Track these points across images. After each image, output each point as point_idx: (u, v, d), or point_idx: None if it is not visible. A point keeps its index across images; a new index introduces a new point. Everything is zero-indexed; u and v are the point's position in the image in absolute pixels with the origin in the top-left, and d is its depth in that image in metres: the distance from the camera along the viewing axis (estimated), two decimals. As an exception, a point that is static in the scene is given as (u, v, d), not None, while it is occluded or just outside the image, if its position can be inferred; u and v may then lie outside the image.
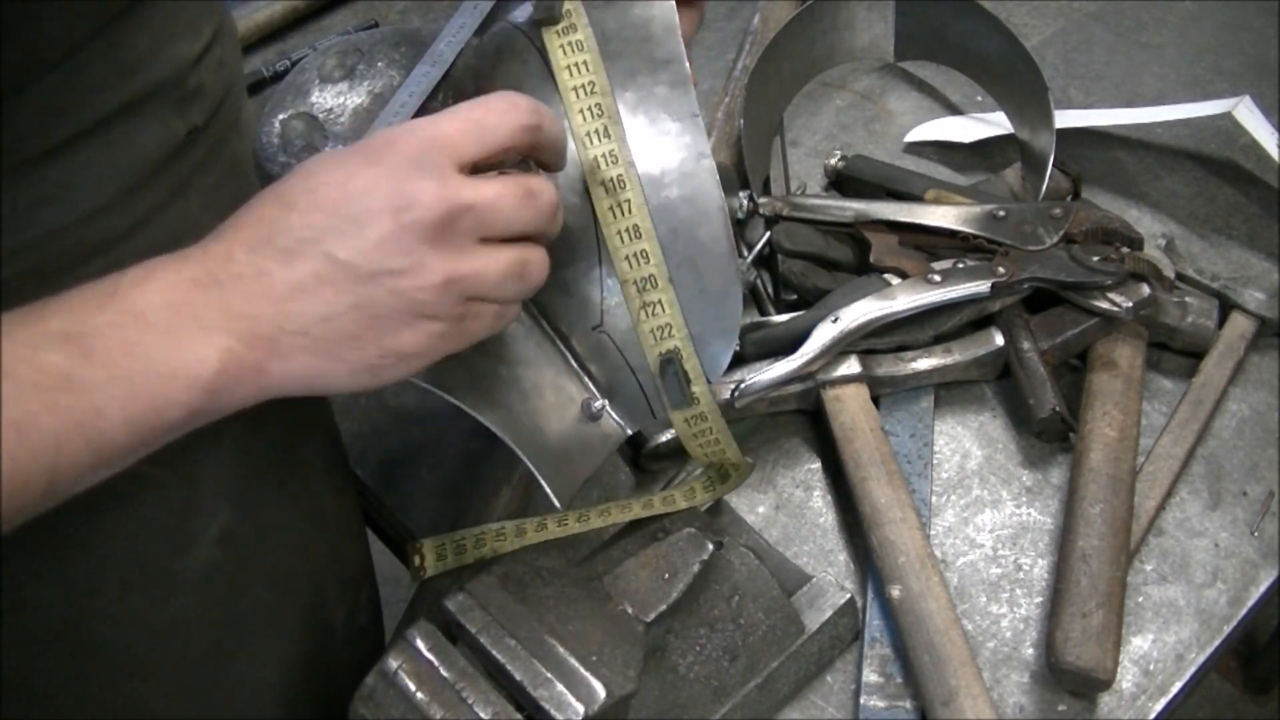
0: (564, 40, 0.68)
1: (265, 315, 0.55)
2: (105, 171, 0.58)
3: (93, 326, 0.51)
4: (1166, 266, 0.94)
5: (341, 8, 1.27)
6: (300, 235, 0.55)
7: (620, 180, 0.65)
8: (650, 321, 0.68)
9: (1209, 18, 1.19)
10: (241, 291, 0.54)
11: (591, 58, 0.67)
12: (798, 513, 0.86)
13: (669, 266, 0.67)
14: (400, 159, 0.56)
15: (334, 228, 0.55)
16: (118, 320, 0.52)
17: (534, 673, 0.65)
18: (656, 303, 0.67)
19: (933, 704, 0.73)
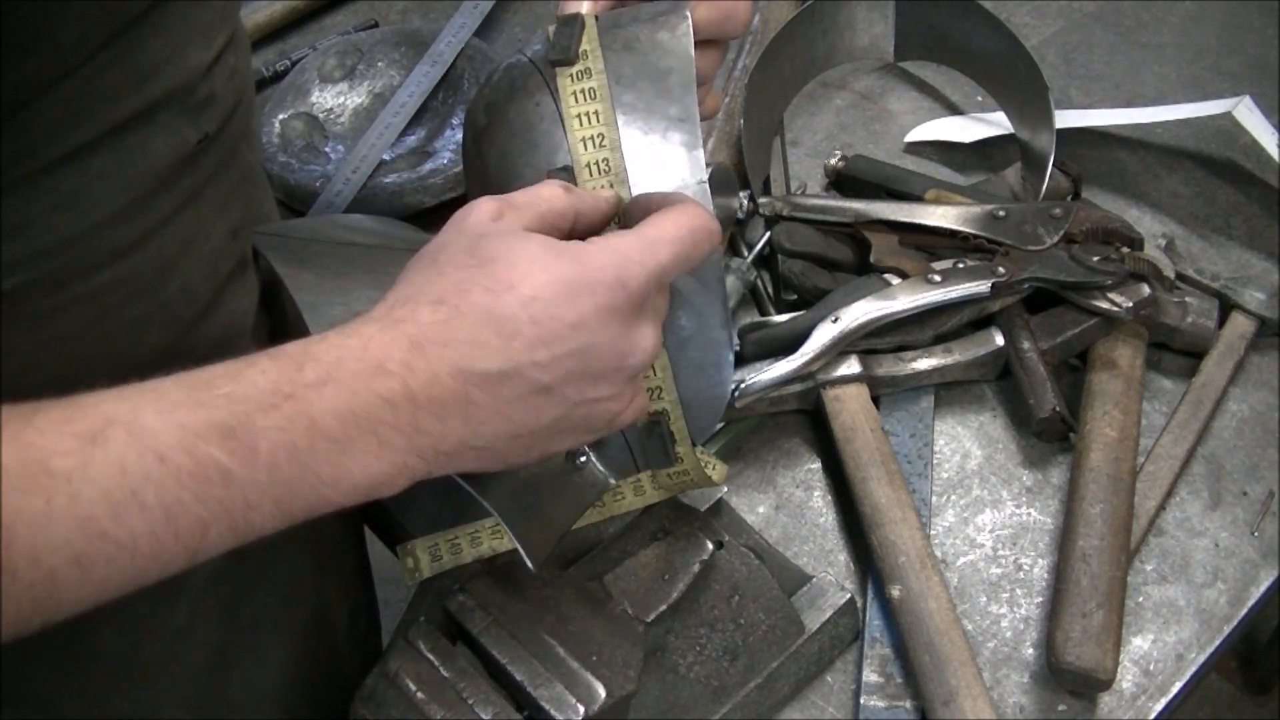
0: (577, 86, 0.66)
1: (455, 435, 0.54)
2: (117, 179, 0.58)
3: (260, 427, 0.49)
4: (1166, 266, 0.94)
5: (341, 8, 1.27)
6: (519, 367, 0.54)
7: None
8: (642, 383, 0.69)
9: (1209, 18, 1.19)
10: (438, 413, 0.53)
11: (603, 108, 0.66)
12: (798, 513, 0.86)
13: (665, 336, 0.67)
14: (629, 305, 0.56)
15: (558, 363, 0.55)
16: (288, 425, 0.50)
17: (534, 673, 0.65)
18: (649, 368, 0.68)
19: (933, 704, 0.73)
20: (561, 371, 0.55)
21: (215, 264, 0.66)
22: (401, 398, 0.52)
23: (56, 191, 0.56)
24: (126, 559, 0.47)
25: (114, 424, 0.47)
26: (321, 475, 0.51)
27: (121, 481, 0.46)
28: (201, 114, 0.62)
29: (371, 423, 0.51)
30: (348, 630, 0.84)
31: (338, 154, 1.06)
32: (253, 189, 0.72)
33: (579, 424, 0.58)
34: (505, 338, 0.54)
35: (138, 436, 0.47)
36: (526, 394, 0.55)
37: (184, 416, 0.48)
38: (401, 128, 1.07)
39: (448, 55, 1.12)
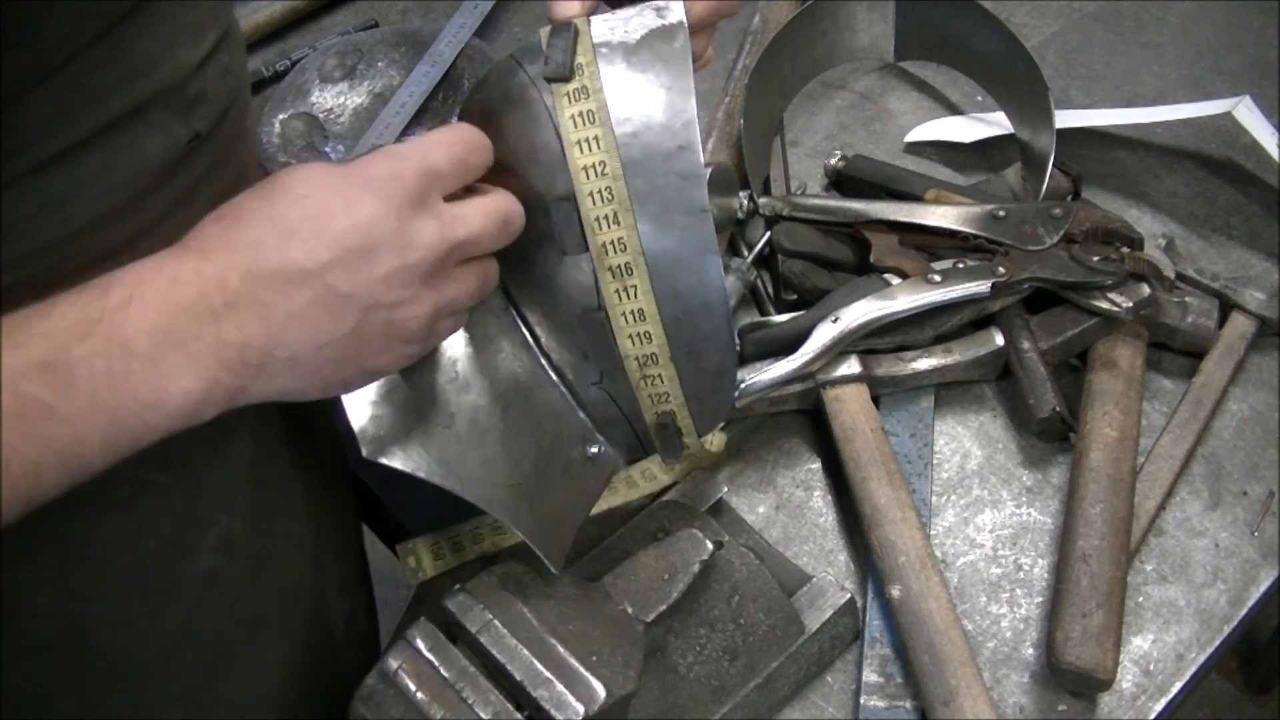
0: (575, 109, 0.65)
1: (257, 344, 0.55)
2: (108, 179, 0.58)
3: (76, 356, 0.50)
4: (1166, 266, 0.94)
5: (341, 8, 1.27)
6: (303, 266, 0.55)
7: (628, 267, 0.66)
8: (649, 389, 0.70)
9: (1209, 18, 1.19)
10: (235, 321, 0.54)
11: (603, 133, 0.65)
12: (798, 513, 0.86)
13: (670, 349, 0.68)
14: (403, 194, 0.57)
15: (338, 260, 0.55)
16: (102, 350, 0.51)
17: (534, 673, 0.65)
18: (656, 376, 0.69)
19: (933, 704, 0.73)
20: (344, 269, 0.55)
21: None
22: (199, 305, 0.53)
23: (46, 192, 0.55)
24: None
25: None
26: (140, 398, 0.52)
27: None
28: (193, 112, 0.62)
29: (178, 335, 0.52)
30: (345, 630, 0.84)
31: (338, 154, 1.06)
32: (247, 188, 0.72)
33: (387, 334, 0.58)
34: (283, 235, 0.55)
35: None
36: (318, 296, 0.55)
37: (7, 358, 0.49)
38: (401, 128, 1.07)
39: (448, 55, 1.12)
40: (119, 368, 0.51)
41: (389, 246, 0.56)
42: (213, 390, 0.54)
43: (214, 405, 0.54)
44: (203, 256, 0.54)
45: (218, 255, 0.54)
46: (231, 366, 0.54)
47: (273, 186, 0.57)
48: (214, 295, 0.53)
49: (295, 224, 0.55)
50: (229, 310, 0.54)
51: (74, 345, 0.50)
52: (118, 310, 0.51)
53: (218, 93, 0.64)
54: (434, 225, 0.58)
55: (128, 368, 0.51)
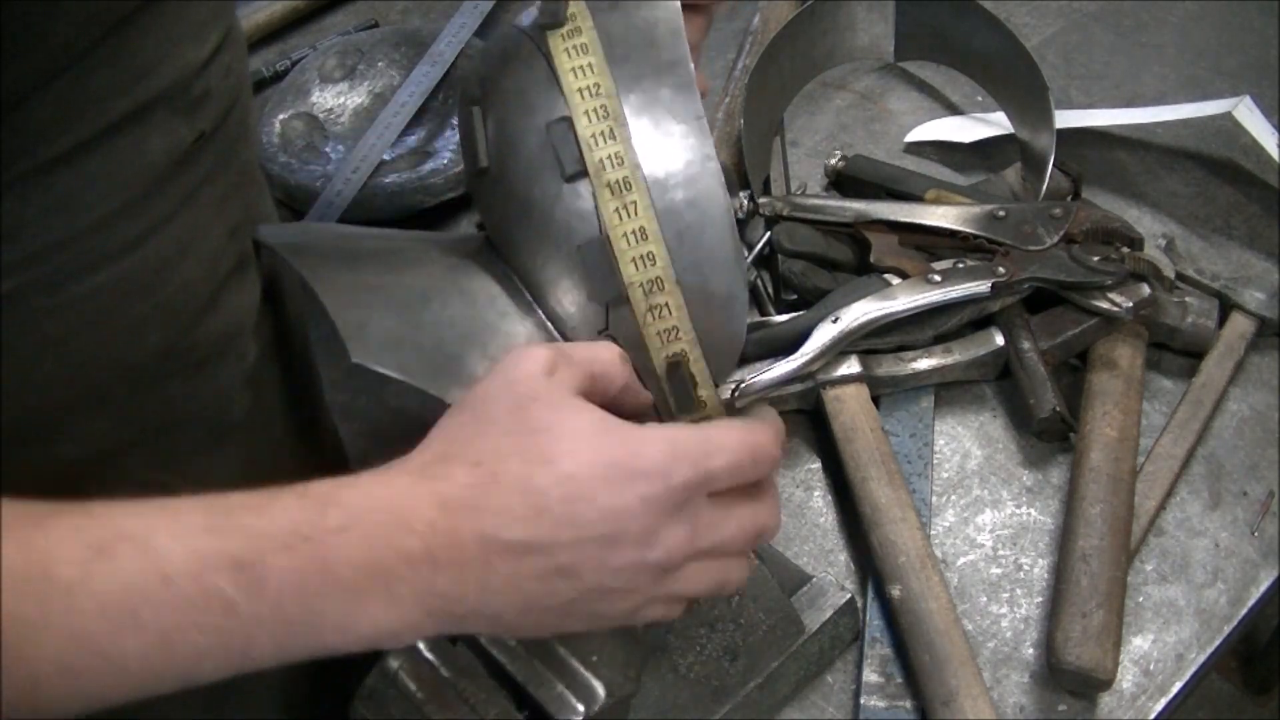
0: (569, 44, 0.67)
1: (470, 600, 0.53)
2: (112, 180, 0.57)
3: (272, 565, 0.48)
4: (1166, 266, 0.94)
5: (341, 8, 1.28)
6: (542, 543, 0.53)
7: (626, 182, 0.65)
8: (657, 324, 0.68)
9: (1209, 18, 1.19)
10: (456, 577, 0.52)
11: (596, 60, 0.67)
12: (798, 513, 0.86)
13: (675, 270, 0.66)
14: (667, 501, 0.54)
15: (580, 546, 0.53)
16: (302, 566, 0.49)
17: (534, 673, 0.65)
18: (663, 305, 0.67)
19: (933, 704, 0.73)
20: (583, 555, 0.53)
21: (214, 263, 0.66)
22: (421, 557, 0.51)
23: (51, 193, 0.55)
24: (116, 676, 0.47)
25: (125, 539, 0.46)
26: (327, 621, 0.50)
27: (122, 599, 0.46)
28: (196, 112, 0.61)
29: (387, 577, 0.50)
30: None
31: (338, 154, 1.06)
32: (251, 188, 0.72)
33: (590, 611, 0.56)
34: (535, 511, 0.52)
35: (146, 555, 0.46)
36: (546, 572, 0.53)
37: (198, 542, 0.47)
38: (401, 128, 1.07)
39: (448, 55, 1.13)
40: (314, 587, 0.49)
41: (633, 541, 0.54)
42: (406, 630, 0.52)
43: (402, 641, 0.53)
44: (445, 510, 0.52)
45: (459, 515, 0.52)
46: (434, 614, 0.52)
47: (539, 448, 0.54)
48: (440, 553, 0.51)
49: (551, 504, 0.53)
50: (455, 567, 0.52)
51: (274, 554, 0.48)
52: (331, 534, 0.50)
53: (221, 92, 0.64)
54: (685, 531, 0.55)
55: (323, 590, 0.49)
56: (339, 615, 0.50)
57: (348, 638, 0.51)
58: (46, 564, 0.45)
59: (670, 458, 0.54)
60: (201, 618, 0.47)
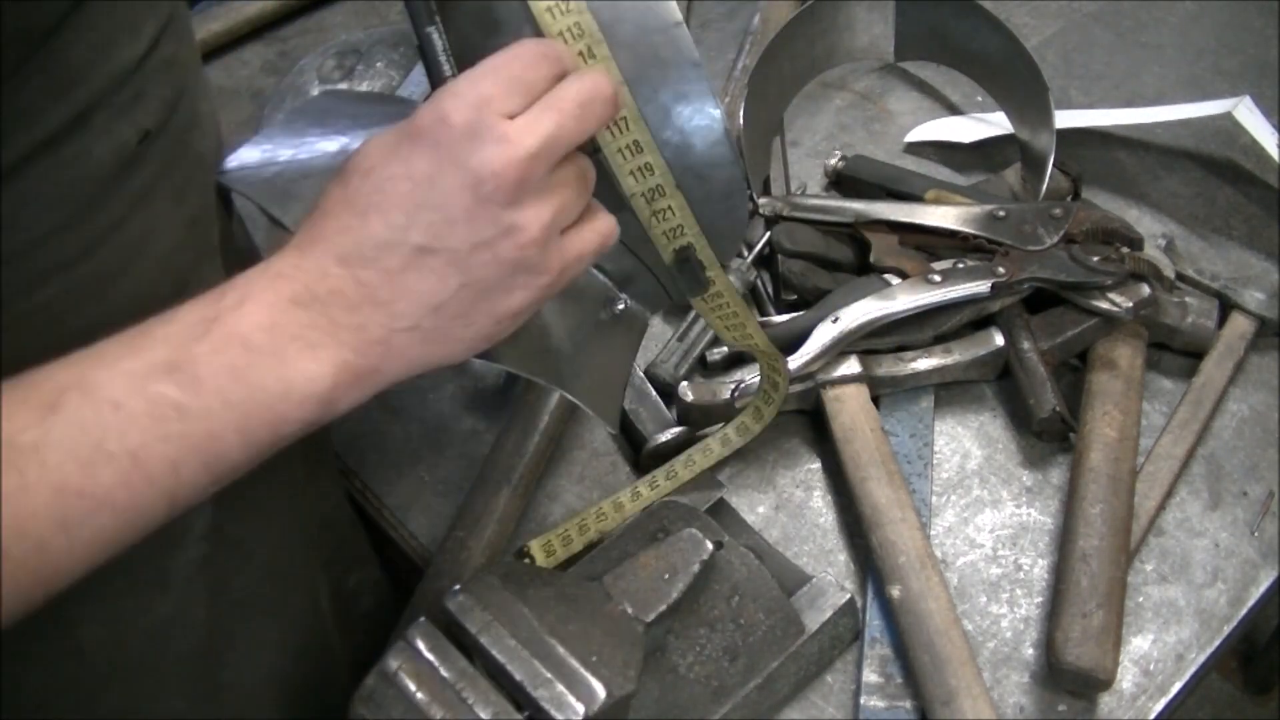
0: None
1: (373, 321, 0.55)
2: (58, 190, 0.56)
3: (197, 354, 0.51)
4: (1166, 266, 0.94)
5: (341, 7, 1.27)
6: (385, 237, 0.55)
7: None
8: (662, 225, 0.68)
9: (1209, 18, 1.19)
10: (343, 303, 0.55)
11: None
12: (798, 513, 0.86)
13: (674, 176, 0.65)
14: (455, 135, 0.55)
15: (416, 220, 0.55)
16: (221, 347, 0.52)
17: (534, 673, 0.65)
18: (666, 209, 0.67)
19: (933, 704, 0.73)
20: (424, 225, 0.55)
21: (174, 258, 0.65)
22: (307, 297, 0.54)
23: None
24: (107, 514, 0.49)
25: (66, 389, 0.49)
26: (267, 389, 0.53)
27: (84, 439, 0.48)
28: (138, 110, 0.60)
29: (293, 327, 0.53)
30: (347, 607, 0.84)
31: (338, 154, 1.06)
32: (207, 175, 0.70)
33: (501, 271, 0.57)
34: (360, 215, 0.55)
35: (90, 393, 0.49)
36: (410, 260, 0.55)
37: (128, 364, 0.50)
38: (401, 128, 1.07)
39: (447, 55, 1.12)
40: (240, 361, 0.52)
41: (457, 188, 0.55)
42: (341, 373, 0.55)
43: (348, 388, 0.55)
44: (300, 252, 0.56)
45: (312, 248, 0.56)
46: (354, 348, 0.55)
47: (346, 170, 0.57)
48: (317, 286, 0.54)
49: (368, 200, 0.56)
50: (334, 297, 0.55)
51: (194, 345, 0.51)
52: (231, 310, 0.53)
53: (163, 86, 0.62)
54: (495, 150, 0.55)
55: (249, 361, 0.52)
56: (275, 381, 0.53)
57: (296, 400, 0.54)
58: (9, 437, 0.47)
59: (439, 105, 0.56)
60: (159, 427, 0.50)
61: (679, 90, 0.64)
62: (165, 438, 0.50)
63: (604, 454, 0.90)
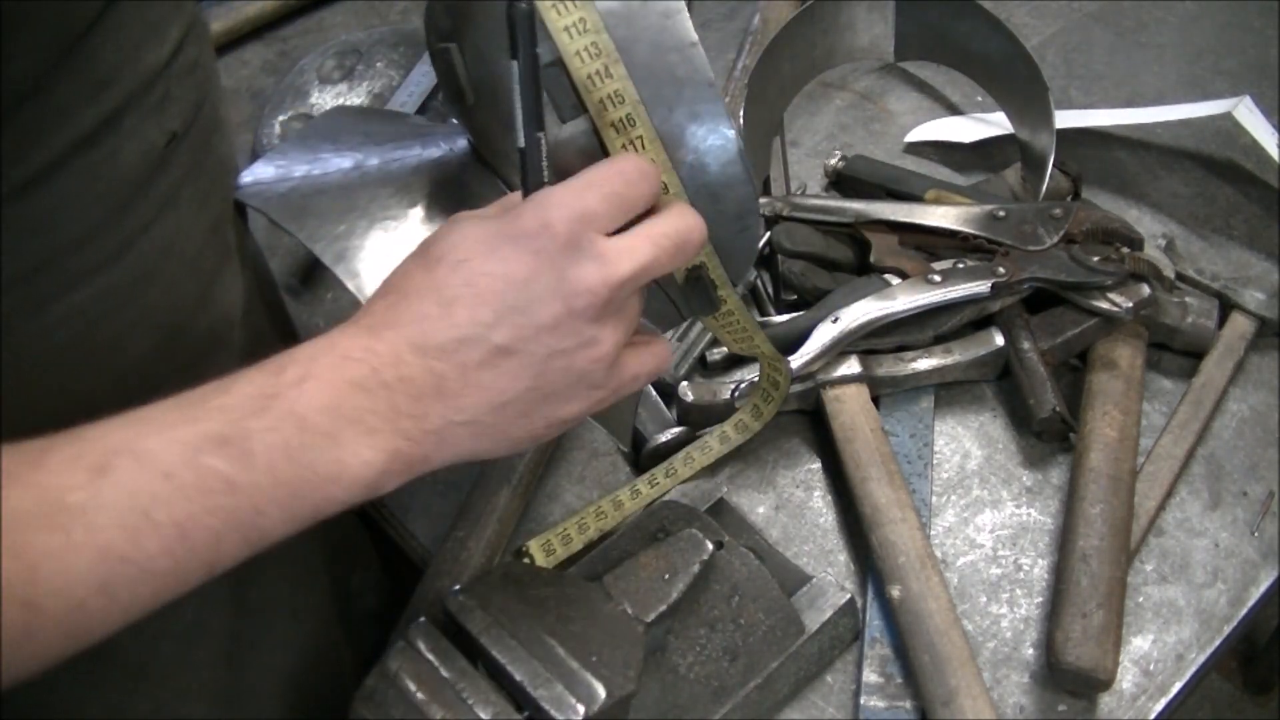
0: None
1: (435, 412, 0.55)
2: (88, 194, 0.57)
3: (252, 430, 0.51)
4: (1166, 266, 0.94)
5: (341, 6, 1.27)
6: (468, 333, 0.55)
7: (629, 119, 0.64)
8: None
9: (1209, 18, 1.19)
10: (411, 393, 0.54)
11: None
12: (798, 513, 0.86)
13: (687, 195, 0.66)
14: (556, 245, 0.56)
15: (503, 320, 0.55)
16: (277, 424, 0.51)
17: (534, 673, 0.65)
18: None
19: (933, 704, 0.73)
20: (510, 327, 0.55)
21: (198, 262, 0.66)
22: (374, 382, 0.53)
23: (26, 216, 0.54)
24: (147, 579, 0.49)
25: (118, 453, 0.48)
26: (319, 471, 0.52)
27: (132, 505, 0.48)
28: (165, 113, 0.61)
29: (354, 411, 0.53)
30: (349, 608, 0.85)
31: (338, 154, 1.06)
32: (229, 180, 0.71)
33: (568, 381, 0.58)
34: (445, 305, 0.55)
35: (141, 460, 0.48)
36: (487, 357, 0.55)
37: (182, 433, 0.49)
38: (401, 128, 1.07)
39: (447, 55, 1.12)
40: (295, 442, 0.51)
41: (550, 297, 0.56)
42: (393, 461, 0.54)
43: (396, 475, 0.55)
44: (372, 334, 0.55)
45: (387, 332, 0.55)
46: (410, 436, 0.54)
47: (430, 255, 0.57)
48: (387, 372, 0.54)
49: (456, 292, 0.55)
50: (403, 384, 0.54)
51: (250, 420, 0.51)
52: (291, 387, 0.52)
53: (188, 89, 0.63)
54: (594, 268, 0.57)
55: (304, 442, 0.52)
56: (327, 463, 0.52)
57: (345, 483, 0.53)
58: (56, 495, 0.47)
59: (544, 211, 0.56)
60: (207, 500, 0.49)
61: (694, 110, 0.65)
62: (212, 510, 0.49)
63: (604, 454, 0.90)
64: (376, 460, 0.53)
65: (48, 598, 0.46)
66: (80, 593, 0.47)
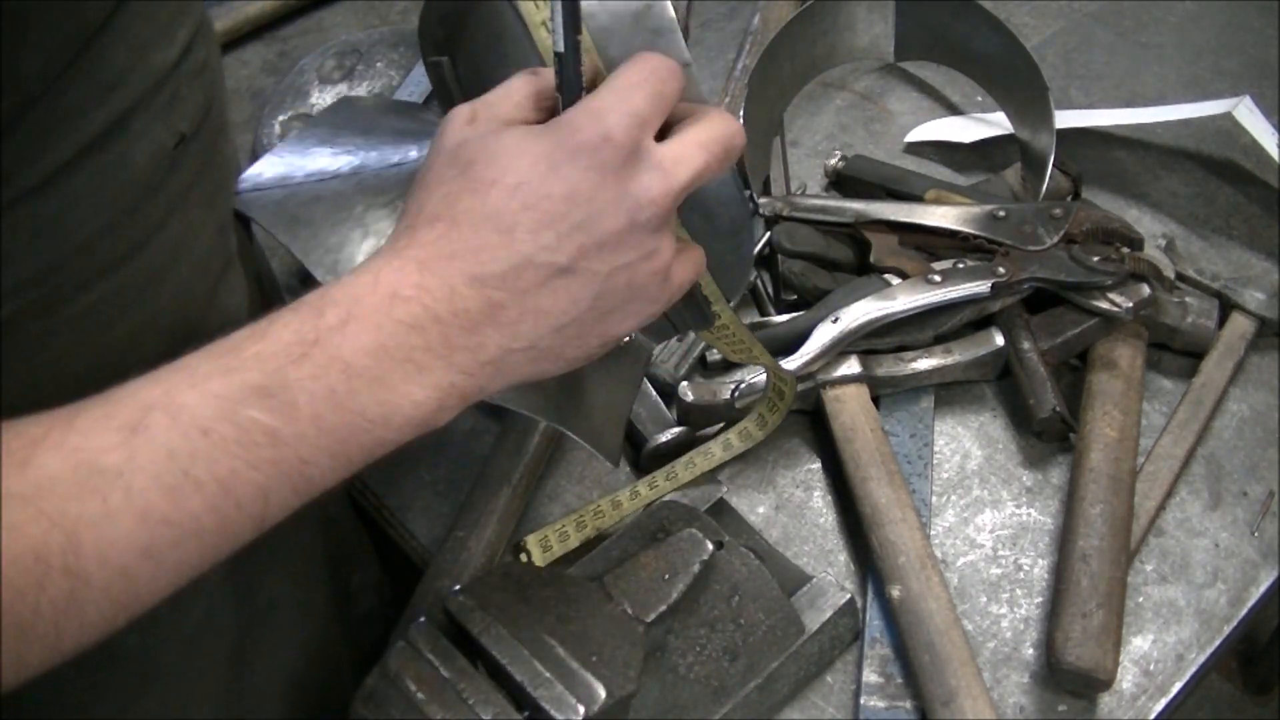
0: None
1: (492, 342, 0.53)
2: (99, 195, 0.56)
3: (293, 379, 0.48)
4: (1166, 266, 0.94)
5: (341, 6, 1.27)
6: (532, 257, 0.53)
7: None
8: None
9: (1209, 18, 1.19)
10: (467, 325, 0.52)
11: None
12: (798, 513, 0.86)
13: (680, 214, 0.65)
14: (619, 156, 0.54)
15: (566, 239, 0.53)
16: (320, 372, 0.49)
17: (534, 673, 0.65)
18: None
19: (933, 704, 0.73)
20: (574, 247, 0.53)
21: (207, 264, 0.66)
22: (426, 319, 0.51)
23: (38, 217, 0.54)
24: (193, 540, 0.47)
25: (152, 409, 0.47)
26: (368, 415, 0.50)
27: (171, 465, 0.46)
28: (174, 114, 0.60)
29: (403, 350, 0.51)
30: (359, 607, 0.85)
31: (338, 154, 1.06)
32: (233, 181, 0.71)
33: (626, 295, 0.56)
34: (505, 232, 0.53)
35: (177, 416, 0.47)
36: (548, 279, 0.53)
37: (218, 386, 0.48)
38: (401, 128, 1.07)
39: (447, 55, 1.12)
40: (341, 387, 0.49)
41: (616, 211, 0.54)
42: (447, 396, 0.52)
43: (450, 409, 0.53)
44: (424, 268, 0.52)
45: (440, 264, 0.52)
46: (467, 369, 0.52)
47: (480, 176, 0.54)
48: (440, 307, 0.52)
49: (516, 218, 0.53)
50: (458, 318, 0.52)
51: (291, 368, 0.49)
52: (335, 331, 0.50)
53: (196, 90, 0.63)
54: (657, 177, 0.55)
55: (350, 387, 0.49)
56: (376, 406, 0.50)
57: (395, 424, 0.51)
58: (90, 458, 0.45)
59: (601, 122, 0.54)
60: (251, 454, 0.47)
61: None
62: (255, 464, 0.48)
63: (604, 454, 0.90)
64: (429, 399, 0.51)
65: (93, 566, 0.44)
66: (124, 559, 0.45)
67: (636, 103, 0.55)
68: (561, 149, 0.54)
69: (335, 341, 0.50)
